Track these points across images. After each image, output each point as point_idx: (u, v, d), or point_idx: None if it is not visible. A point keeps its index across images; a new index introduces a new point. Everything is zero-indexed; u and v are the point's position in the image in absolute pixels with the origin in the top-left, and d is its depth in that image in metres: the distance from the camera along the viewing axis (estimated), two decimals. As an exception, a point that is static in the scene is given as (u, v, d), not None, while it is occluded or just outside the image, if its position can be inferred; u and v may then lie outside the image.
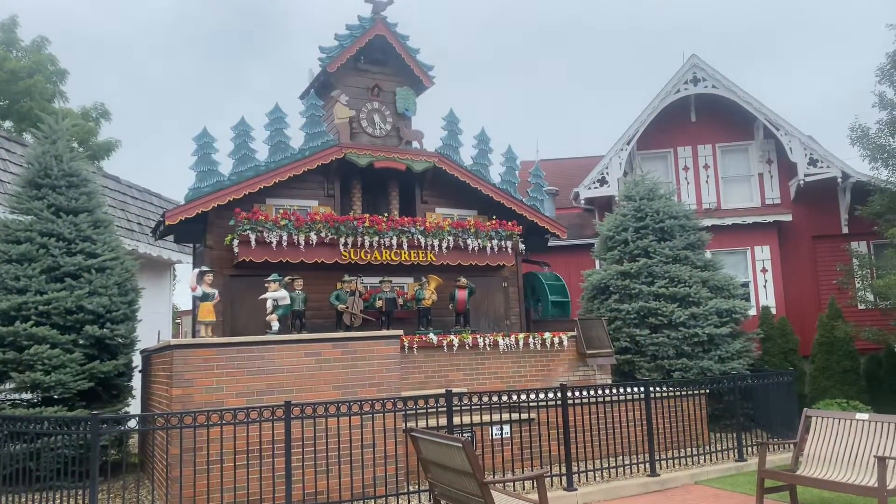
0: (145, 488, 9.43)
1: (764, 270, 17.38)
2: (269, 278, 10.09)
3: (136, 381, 11.47)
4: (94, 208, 11.08)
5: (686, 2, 68.11)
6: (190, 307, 13.54)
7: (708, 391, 11.46)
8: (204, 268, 10.14)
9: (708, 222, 16.36)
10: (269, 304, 9.93)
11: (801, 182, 17.29)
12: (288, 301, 10.13)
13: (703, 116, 18.62)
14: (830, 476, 7.70)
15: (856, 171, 17.01)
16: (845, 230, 17.57)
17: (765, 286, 17.31)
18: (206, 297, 9.69)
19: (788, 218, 17.51)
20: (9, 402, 9.99)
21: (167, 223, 10.91)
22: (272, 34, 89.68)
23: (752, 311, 16.00)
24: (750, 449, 10.90)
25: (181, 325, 27.28)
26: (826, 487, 7.65)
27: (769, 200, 18.19)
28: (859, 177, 16.76)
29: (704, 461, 10.47)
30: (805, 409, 8.80)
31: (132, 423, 8.05)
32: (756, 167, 18.46)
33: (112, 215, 11.92)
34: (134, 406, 11.48)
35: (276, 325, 9.89)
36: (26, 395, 10.03)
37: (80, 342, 10.05)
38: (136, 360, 11.42)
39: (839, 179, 17.15)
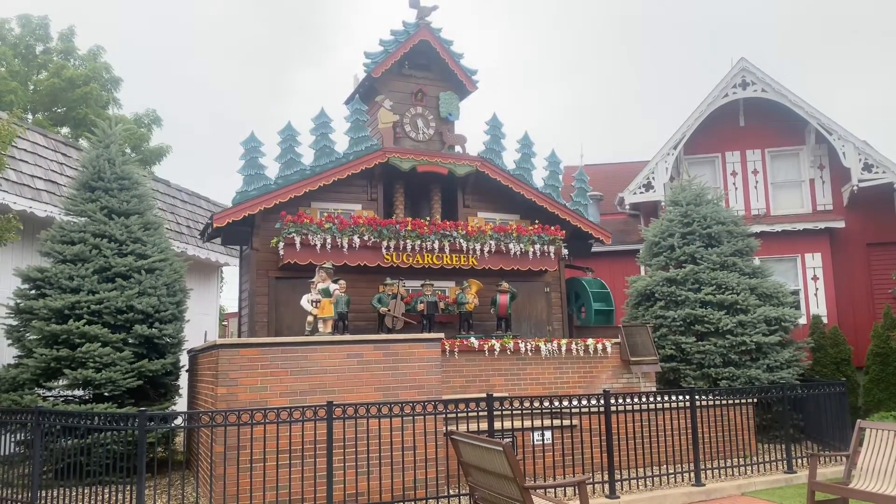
0: (190, 485, 9.60)
1: (815, 278, 16.92)
2: (312, 280, 10.23)
3: (183, 381, 11.70)
4: (145, 211, 11.36)
5: (736, 5, 66.87)
6: (236, 309, 13.77)
7: (756, 401, 11.19)
8: (326, 264, 10.38)
9: (756, 228, 16.00)
10: (306, 303, 10.06)
11: (855, 188, 16.79)
12: (306, 305, 10.23)
13: (751, 121, 18.24)
14: (886, 490, 7.43)
15: (914, 176, 16.45)
16: (902, 237, 17.00)
17: (815, 294, 16.84)
18: (327, 293, 10.02)
19: (841, 224, 17.01)
20: (62, 399, 10.29)
21: (215, 225, 11.12)
22: (318, 41, 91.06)
23: (803, 320, 15.59)
24: (799, 461, 10.60)
25: (228, 326, 27.78)
26: (881, 502, 7.37)
27: (821, 207, 17.71)
28: (917, 182, 16.20)
29: (752, 472, 10.22)
30: (858, 420, 8.52)
31: (178, 421, 8.20)
32: (807, 172, 18.00)
33: (162, 218, 12.20)
34: (180, 404, 11.71)
35: (324, 327, 10.01)
36: (78, 392, 10.32)
37: (130, 341, 10.31)
38: (184, 359, 11.66)
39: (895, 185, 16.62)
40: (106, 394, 10.07)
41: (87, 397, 10.26)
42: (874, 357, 13.89)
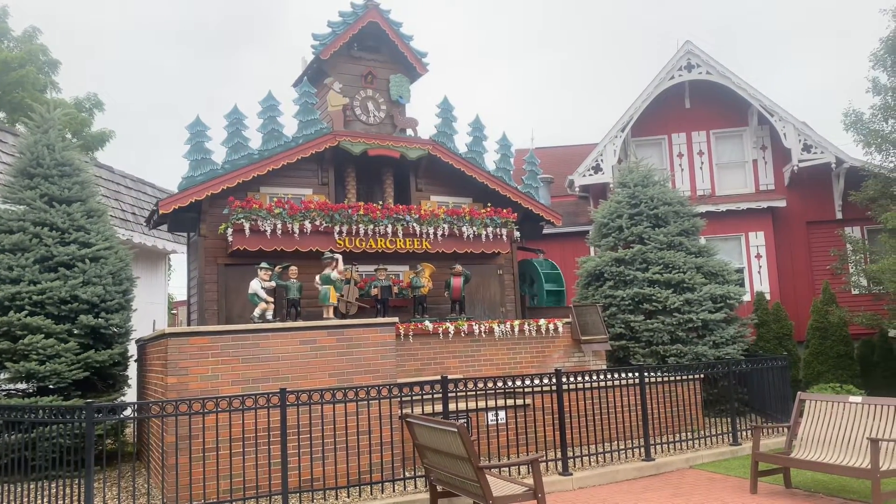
0: (142, 477, 9.46)
1: (758, 256, 17.43)
2: (263, 265, 10.17)
3: (133, 371, 11.47)
4: (88, 198, 11.04)
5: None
6: (185, 297, 13.52)
7: (702, 376, 11.52)
8: (335, 254, 10.70)
9: (702, 209, 16.38)
10: (258, 287, 10.02)
11: (796, 168, 17.32)
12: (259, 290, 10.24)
13: (697, 103, 18.61)
14: (824, 458, 7.75)
15: (850, 156, 17.03)
16: (839, 216, 17.62)
17: (759, 272, 17.36)
18: (328, 280, 10.36)
19: (783, 204, 17.54)
20: (4, 393, 9.99)
21: (161, 212, 10.87)
22: (266, 22, 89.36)
23: (747, 297, 16.07)
24: (744, 433, 10.95)
25: (177, 315, 27.26)
26: (820, 470, 7.70)
27: (763, 186, 18.21)
28: (853, 162, 16.77)
29: (699, 445, 10.53)
30: (799, 392, 8.85)
31: (127, 412, 8.04)
32: (750, 153, 18.47)
33: (106, 205, 11.88)
34: (130, 395, 11.48)
35: (269, 314, 9.96)
36: (21, 385, 10.03)
37: (75, 332, 10.05)
38: (132, 349, 11.42)
39: (833, 165, 17.18)
40: (51, 386, 9.82)
41: (30, 390, 9.99)
42: (814, 331, 14.42)
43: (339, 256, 10.70)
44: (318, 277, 10.64)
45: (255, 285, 10.08)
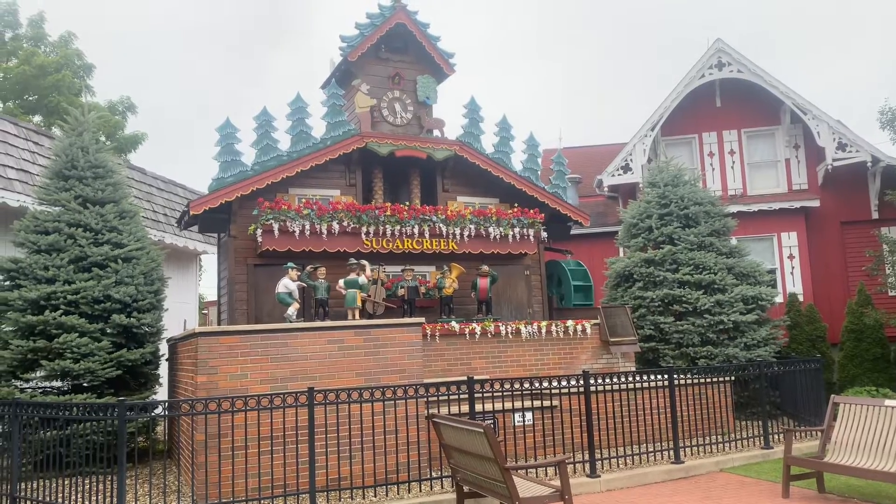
0: (172, 474, 9.59)
1: (791, 257, 17.14)
2: (290, 265, 10.29)
3: (164, 370, 11.64)
4: (120, 199, 11.23)
5: (711, -14, 66.94)
6: (215, 297, 13.70)
7: (733, 378, 11.35)
8: (361, 260, 10.95)
9: (733, 209, 16.16)
10: (292, 285, 10.13)
11: (830, 167, 17.00)
12: (295, 290, 10.36)
13: (728, 101, 18.35)
14: (858, 463, 7.59)
15: (887, 154, 16.68)
16: (875, 215, 17.25)
17: (792, 273, 17.07)
18: (354, 284, 10.61)
19: (816, 203, 17.22)
20: (40, 390, 10.20)
21: (192, 213, 11.02)
22: (294, 23, 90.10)
23: (779, 298, 15.80)
24: (776, 437, 10.79)
25: (207, 314, 27.62)
26: (854, 474, 7.55)
27: (796, 186, 17.91)
28: (890, 161, 16.43)
29: (729, 449, 10.38)
30: (833, 395, 8.68)
31: (158, 410, 8.16)
32: (783, 152, 18.17)
33: (138, 206, 12.07)
34: (161, 394, 11.66)
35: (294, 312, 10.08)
36: (56, 383, 10.23)
37: (108, 331, 10.22)
38: (163, 348, 11.58)
39: (869, 164, 16.84)
40: (85, 384, 10.00)
41: (65, 388, 10.19)
42: (848, 333, 14.13)
43: (365, 262, 10.91)
44: (341, 282, 10.76)
45: (291, 285, 10.18)
